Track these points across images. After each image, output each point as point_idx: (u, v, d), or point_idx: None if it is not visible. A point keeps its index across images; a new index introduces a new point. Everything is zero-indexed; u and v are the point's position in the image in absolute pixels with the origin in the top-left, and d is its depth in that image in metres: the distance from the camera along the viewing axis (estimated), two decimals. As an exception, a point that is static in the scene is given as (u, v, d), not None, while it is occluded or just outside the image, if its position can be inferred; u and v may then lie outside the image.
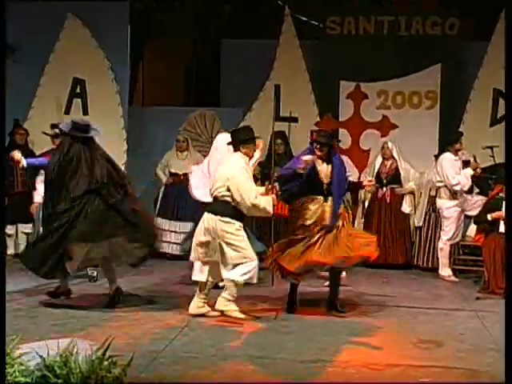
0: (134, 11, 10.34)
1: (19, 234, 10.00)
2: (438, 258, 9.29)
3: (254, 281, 6.58)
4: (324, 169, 6.97)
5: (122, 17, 10.15)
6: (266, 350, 5.62)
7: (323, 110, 10.63)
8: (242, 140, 6.71)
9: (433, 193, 9.53)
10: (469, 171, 9.00)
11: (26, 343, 5.09)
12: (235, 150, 6.72)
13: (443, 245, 9.16)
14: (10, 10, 9.40)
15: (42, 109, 10.11)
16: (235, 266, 6.49)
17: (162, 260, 9.96)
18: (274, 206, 6.65)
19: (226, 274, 6.55)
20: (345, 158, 10.02)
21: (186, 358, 5.36)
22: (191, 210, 10.05)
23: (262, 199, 6.54)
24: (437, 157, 9.59)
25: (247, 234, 7.10)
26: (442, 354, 5.66)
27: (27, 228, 10.00)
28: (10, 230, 9.91)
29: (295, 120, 10.47)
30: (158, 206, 10.28)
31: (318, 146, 6.97)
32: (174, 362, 5.21)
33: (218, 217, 6.52)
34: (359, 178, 10.07)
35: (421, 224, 9.70)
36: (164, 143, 10.46)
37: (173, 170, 10.22)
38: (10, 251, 9.94)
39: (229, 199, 6.52)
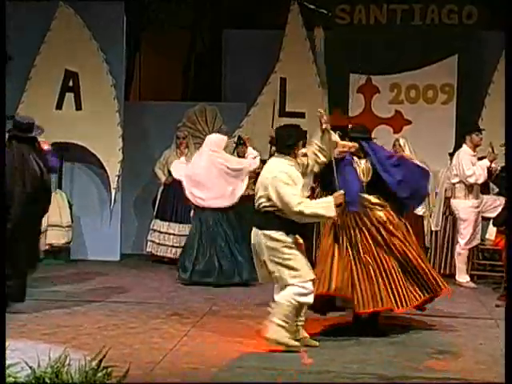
0: (130, 2, 10.34)
1: (8, 237, 9.98)
2: (455, 264, 9.26)
3: (311, 301, 6.00)
4: (362, 166, 6.69)
5: (118, 6, 10.14)
6: (271, 361, 5.60)
7: (332, 105, 10.58)
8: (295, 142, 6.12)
9: (448, 193, 9.51)
10: (485, 163, 8.95)
11: (15, 353, 5.09)
12: (280, 152, 6.16)
13: (461, 249, 9.11)
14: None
15: (31, 103, 10.09)
16: (286, 286, 5.95)
17: (160, 264, 9.96)
18: (339, 204, 5.99)
19: (276, 296, 6.05)
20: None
21: (186, 369, 5.34)
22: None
23: (310, 204, 5.94)
24: (452, 155, 9.56)
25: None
26: (459, 366, 5.63)
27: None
28: None
29: (302, 115, 10.45)
30: (156, 207, 10.27)
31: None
32: (172, 374, 5.19)
33: (262, 231, 5.99)
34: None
35: (438, 228, 9.66)
36: (162, 140, 10.45)
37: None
38: None
39: (271, 209, 5.95)
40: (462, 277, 9.10)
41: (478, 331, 6.74)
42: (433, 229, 9.77)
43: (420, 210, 9.79)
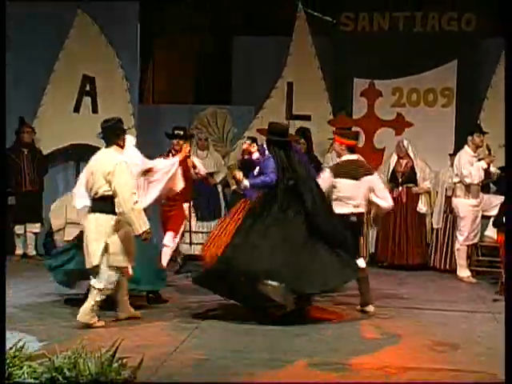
0: (144, 8, 10.35)
1: (28, 234, 10.01)
2: (455, 260, 9.25)
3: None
4: None
5: (132, 14, 10.15)
6: (278, 352, 5.61)
7: (337, 108, 10.61)
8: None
9: (449, 193, 9.50)
10: (482, 164, 8.93)
11: (35, 344, 5.11)
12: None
13: (459, 246, 9.12)
14: (20, 5, 9.56)
15: (51, 106, 10.14)
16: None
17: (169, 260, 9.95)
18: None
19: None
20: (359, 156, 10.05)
21: (197, 360, 5.34)
22: (214, 209, 10.07)
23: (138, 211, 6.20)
24: (452, 156, 9.55)
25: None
26: (458, 358, 5.62)
27: (36, 228, 10.03)
28: (18, 229, 9.94)
29: (308, 118, 10.46)
30: None
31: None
32: (184, 365, 5.20)
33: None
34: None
35: (439, 226, 9.66)
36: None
37: None
38: (19, 251, 9.98)
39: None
40: (463, 272, 9.09)
41: (477, 324, 6.73)
42: (434, 227, 9.77)
43: (422, 209, 9.80)
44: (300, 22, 10.63)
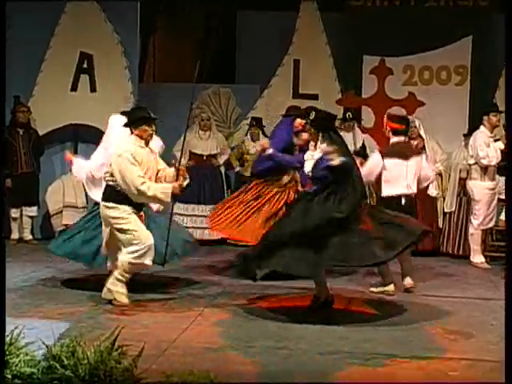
0: (145, -17, 10.34)
1: (24, 218, 10.04)
2: (469, 245, 9.24)
3: (146, 262, 6.53)
4: None
5: (132, -12, 10.14)
6: (284, 340, 5.63)
7: (345, 87, 10.59)
8: (132, 120, 6.66)
9: (463, 175, 9.48)
10: (499, 145, 8.89)
11: (32, 332, 5.14)
12: (131, 133, 6.67)
13: (474, 230, 9.10)
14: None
15: (47, 85, 10.13)
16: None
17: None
18: (175, 193, 6.46)
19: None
20: (367, 136, 10.05)
21: (199, 348, 5.37)
22: (217, 192, 10.10)
23: (151, 187, 6.45)
24: (466, 136, 9.52)
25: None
26: (470, 346, 5.64)
27: (32, 211, 10.06)
28: (14, 213, 9.97)
29: (315, 97, 10.44)
30: None
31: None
32: (186, 353, 5.22)
33: (103, 202, 6.63)
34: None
35: (452, 209, 9.64)
36: (176, 122, 10.42)
37: (197, 151, 10.18)
38: (15, 236, 10.01)
39: (113, 184, 6.57)
40: (477, 257, 9.08)
41: (490, 312, 6.73)
42: (446, 210, 9.75)
43: (433, 192, 9.78)
44: (307, -4, 10.60)
